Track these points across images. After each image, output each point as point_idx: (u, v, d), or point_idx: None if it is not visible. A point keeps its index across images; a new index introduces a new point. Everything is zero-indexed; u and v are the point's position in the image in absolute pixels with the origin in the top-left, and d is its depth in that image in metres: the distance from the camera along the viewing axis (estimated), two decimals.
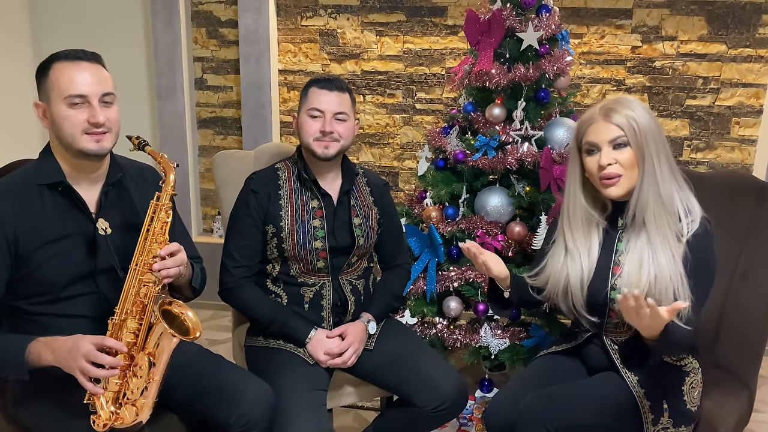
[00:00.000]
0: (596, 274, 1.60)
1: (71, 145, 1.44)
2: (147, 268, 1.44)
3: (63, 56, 1.44)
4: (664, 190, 1.50)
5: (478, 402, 2.37)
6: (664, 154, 1.52)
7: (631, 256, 1.53)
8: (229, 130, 3.64)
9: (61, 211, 1.48)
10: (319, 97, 1.81)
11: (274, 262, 1.87)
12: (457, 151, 2.23)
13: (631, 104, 1.53)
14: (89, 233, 1.49)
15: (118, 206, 1.56)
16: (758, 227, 1.90)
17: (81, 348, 1.33)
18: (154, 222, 1.47)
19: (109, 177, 1.55)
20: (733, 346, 1.90)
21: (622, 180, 1.52)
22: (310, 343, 1.79)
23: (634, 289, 1.31)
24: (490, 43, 2.18)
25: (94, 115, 1.42)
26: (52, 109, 1.43)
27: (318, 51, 3.41)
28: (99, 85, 1.44)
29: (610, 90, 3.19)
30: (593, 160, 1.54)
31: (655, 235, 1.50)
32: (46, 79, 1.43)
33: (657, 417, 1.53)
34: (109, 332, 1.43)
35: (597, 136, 1.53)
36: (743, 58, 3.06)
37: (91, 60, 1.46)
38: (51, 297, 1.46)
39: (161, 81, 3.47)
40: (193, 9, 3.49)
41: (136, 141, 1.55)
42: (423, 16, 3.27)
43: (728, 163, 3.19)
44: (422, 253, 2.27)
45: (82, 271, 1.48)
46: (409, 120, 3.41)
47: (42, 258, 1.44)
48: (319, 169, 1.87)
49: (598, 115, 1.54)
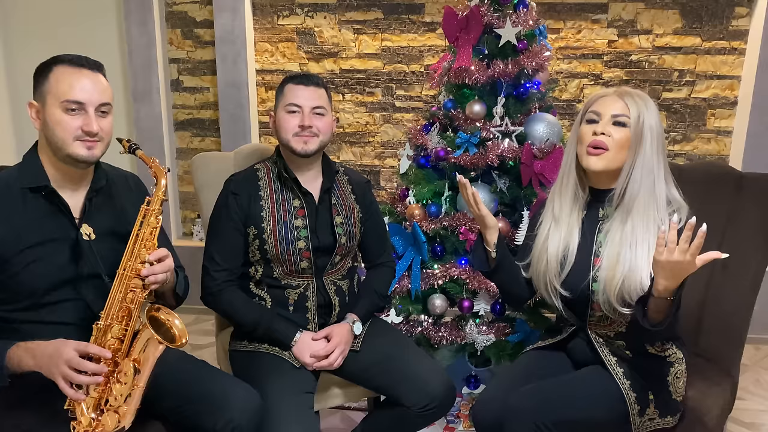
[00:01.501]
0: (576, 264, 1.60)
1: (61, 149, 1.43)
2: (135, 273, 1.42)
3: (66, 60, 1.43)
4: (657, 185, 1.52)
5: (465, 399, 2.37)
6: (662, 152, 1.54)
7: (609, 251, 1.54)
8: (207, 132, 3.60)
9: (44, 215, 1.45)
10: (295, 93, 1.80)
11: (256, 265, 1.85)
12: (438, 148, 2.23)
13: (647, 99, 1.56)
14: (72, 239, 1.47)
15: (102, 213, 1.54)
16: (736, 218, 1.92)
17: (63, 354, 1.31)
18: (143, 227, 1.46)
19: (94, 183, 1.53)
20: (716, 336, 1.92)
21: (607, 155, 1.53)
22: (296, 346, 1.77)
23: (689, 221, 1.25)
24: (468, 40, 2.19)
25: (88, 123, 1.41)
26: (46, 110, 1.42)
27: (295, 50, 3.39)
28: (98, 95, 1.44)
29: (588, 84, 3.21)
30: (589, 128, 1.56)
31: (640, 228, 1.51)
32: (45, 81, 1.42)
33: (643, 408, 1.55)
34: (93, 337, 1.41)
35: (603, 107, 1.55)
36: (717, 50, 3.11)
37: (93, 68, 1.45)
38: (31, 303, 1.44)
39: (137, 83, 3.43)
40: (167, 10, 3.44)
41: (127, 144, 1.54)
42: (400, 13, 3.26)
43: (705, 155, 3.23)
44: (406, 251, 2.27)
45: (63, 277, 1.46)
46: (389, 118, 3.40)
47: (23, 263, 1.41)
48: (299, 167, 1.85)
49: (613, 92, 1.57)
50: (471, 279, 2.17)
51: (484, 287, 2.16)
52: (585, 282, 1.58)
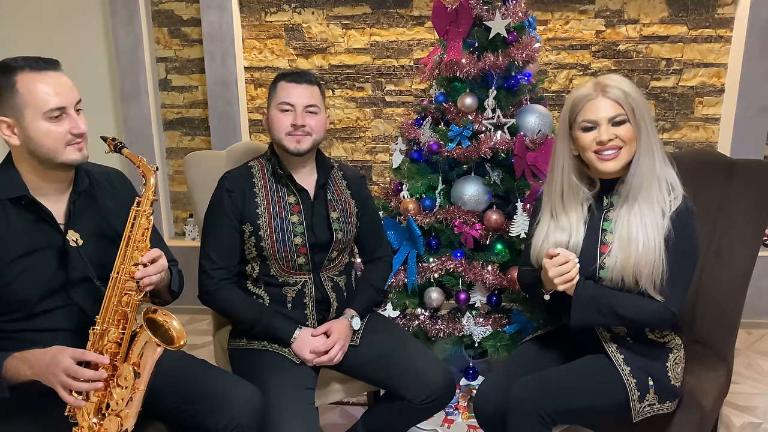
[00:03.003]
0: (582, 254, 1.61)
1: (52, 159, 1.39)
2: (129, 275, 1.41)
3: (24, 66, 1.36)
4: (658, 164, 1.54)
5: (463, 390, 2.38)
6: (653, 131, 1.55)
7: (620, 234, 1.55)
8: (197, 131, 3.59)
9: (28, 225, 1.43)
10: (288, 91, 1.79)
11: (253, 263, 1.84)
12: (431, 142, 2.23)
13: (623, 82, 1.55)
14: (59, 245, 1.45)
15: (87, 215, 1.51)
16: (728, 205, 1.94)
17: (60, 363, 1.30)
18: (135, 228, 1.44)
19: (77, 186, 1.50)
20: (710, 322, 1.94)
21: (622, 153, 1.54)
22: (295, 343, 1.77)
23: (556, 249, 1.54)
24: (458, 33, 2.18)
25: (76, 126, 1.39)
26: (27, 124, 1.36)
27: (284, 46, 3.37)
28: (72, 94, 1.40)
29: (577, 75, 3.23)
30: (590, 136, 1.55)
31: (646, 209, 1.53)
32: (12, 94, 1.35)
33: (643, 394, 1.56)
34: (90, 342, 1.40)
35: (596, 113, 1.54)
36: (704, 38, 3.13)
37: (55, 68, 1.40)
38: (24, 314, 1.42)
39: (124, 83, 3.40)
40: (153, 9, 3.42)
41: (112, 143, 1.49)
42: (388, 7, 3.25)
43: (693, 142, 3.26)
44: (401, 245, 2.27)
45: (54, 285, 1.44)
46: (380, 113, 3.40)
47: (11, 275, 1.39)
48: (293, 164, 1.84)
49: (594, 91, 1.55)
50: (466, 271, 2.18)
51: (480, 279, 2.17)
52: (591, 270, 1.59)
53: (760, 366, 2.88)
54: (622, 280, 1.54)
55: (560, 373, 1.60)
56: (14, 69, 1.35)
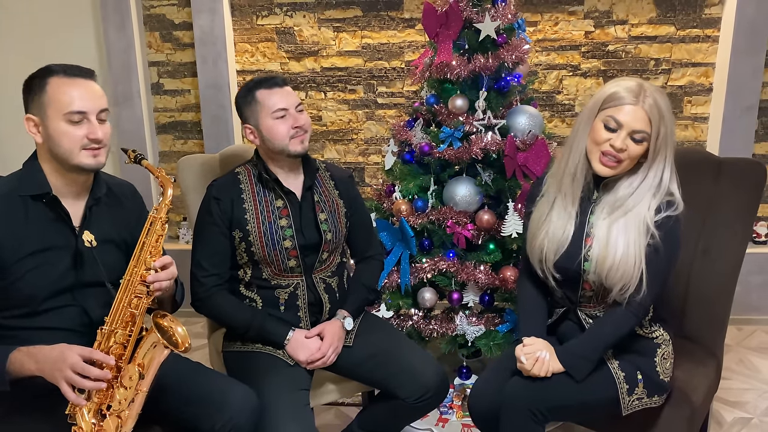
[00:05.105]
0: (570, 244, 1.62)
1: (67, 160, 1.43)
2: (140, 279, 1.44)
3: (60, 71, 1.43)
4: (662, 187, 1.55)
5: (457, 390, 2.40)
6: (671, 155, 1.55)
7: (599, 235, 1.57)
8: (190, 134, 3.59)
9: (45, 223, 1.46)
10: (275, 97, 1.79)
11: (245, 267, 1.86)
12: (423, 143, 2.25)
13: (663, 102, 1.52)
14: (73, 246, 1.48)
15: (102, 220, 1.55)
16: (716, 203, 1.96)
17: (68, 359, 1.32)
18: (150, 234, 1.47)
19: (95, 192, 1.54)
20: (700, 319, 1.97)
21: (622, 166, 1.55)
22: (289, 345, 1.79)
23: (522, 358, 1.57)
24: (448, 35, 2.20)
25: (93, 131, 1.43)
26: (48, 124, 1.42)
27: (276, 50, 3.39)
28: (97, 101, 1.45)
29: (567, 75, 3.25)
30: (606, 134, 1.53)
31: (632, 225, 1.54)
32: (41, 94, 1.42)
33: (632, 387, 1.59)
34: (97, 342, 1.42)
35: (625, 116, 1.51)
36: (691, 38, 3.16)
37: (87, 76, 1.46)
38: (27, 311, 1.44)
39: (117, 87, 3.40)
40: (145, 13, 3.42)
41: (133, 155, 1.55)
42: (379, 10, 3.27)
43: (682, 141, 3.29)
44: (394, 246, 2.29)
45: (62, 285, 1.46)
46: (372, 115, 3.41)
47: (22, 270, 1.42)
48: (281, 167, 1.85)
49: (636, 98, 1.50)
50: (459, 271, 2.20)
51: (472, 279, 2.19)
52: (577, 261, 1.61)
53: (750, 362, 2.91)
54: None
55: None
56: (51, 73, 1.43)
